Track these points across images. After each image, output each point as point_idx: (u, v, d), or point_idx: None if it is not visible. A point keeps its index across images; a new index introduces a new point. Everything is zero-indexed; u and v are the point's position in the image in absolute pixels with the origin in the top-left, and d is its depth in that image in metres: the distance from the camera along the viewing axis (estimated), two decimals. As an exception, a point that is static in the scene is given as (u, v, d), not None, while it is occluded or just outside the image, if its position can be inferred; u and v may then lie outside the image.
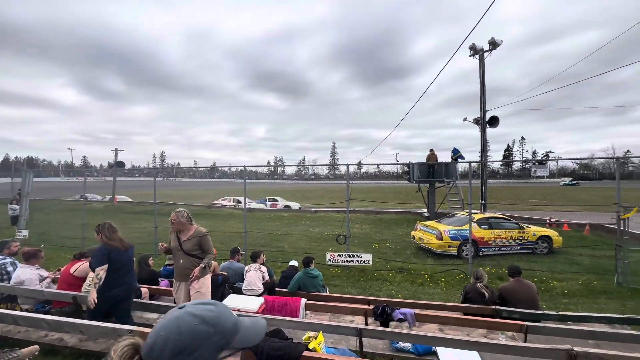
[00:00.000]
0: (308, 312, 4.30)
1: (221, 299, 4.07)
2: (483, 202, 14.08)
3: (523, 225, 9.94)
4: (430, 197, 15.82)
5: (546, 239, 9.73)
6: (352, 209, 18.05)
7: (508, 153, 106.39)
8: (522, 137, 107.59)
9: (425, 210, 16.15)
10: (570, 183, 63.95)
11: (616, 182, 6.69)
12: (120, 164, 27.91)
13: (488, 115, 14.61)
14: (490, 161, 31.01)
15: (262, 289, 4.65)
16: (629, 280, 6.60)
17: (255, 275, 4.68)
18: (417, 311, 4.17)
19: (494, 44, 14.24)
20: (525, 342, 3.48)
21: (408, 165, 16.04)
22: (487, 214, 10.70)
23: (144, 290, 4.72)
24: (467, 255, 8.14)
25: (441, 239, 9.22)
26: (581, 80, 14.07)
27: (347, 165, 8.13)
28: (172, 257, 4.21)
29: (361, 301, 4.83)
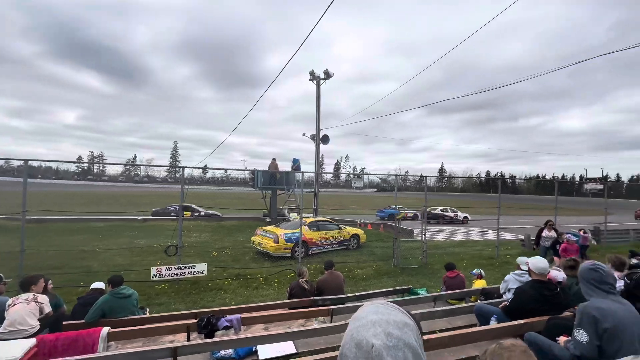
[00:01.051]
0: (113, 342, 3.52)
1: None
2: (315, 207, 16.28)
3: (341, 226, 12.14)
4: (272, 203, 16.80)
5: (356, 236, 12.28)
6: (189, 217, 16.59)
7: (337, 167, 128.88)
8: (347, 155, 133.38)
9: (267, 215, 17.01)
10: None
11: (394, 192, 9.34)
12: None
13: (321, 134, 17.20)
14: (322, 172, 36.71)
15: (38, 327, 3.44)
16: (400, 262, 9.27)
17: (23, 310, 3.39)
18: (247, 314, 4.25)
19: (327, 75, 16.88)
20: (331, 322, 4.20)
21: (253, 172, 16.45)
22: (317, 218, 12.41)
23: None
24: (298, 255, 9.09)
25: (278, 242, 9.90)
26: (382, 116, 19.04)
27: (183, 167, 7.40)
28: None
29: (187, 316, 4.43)
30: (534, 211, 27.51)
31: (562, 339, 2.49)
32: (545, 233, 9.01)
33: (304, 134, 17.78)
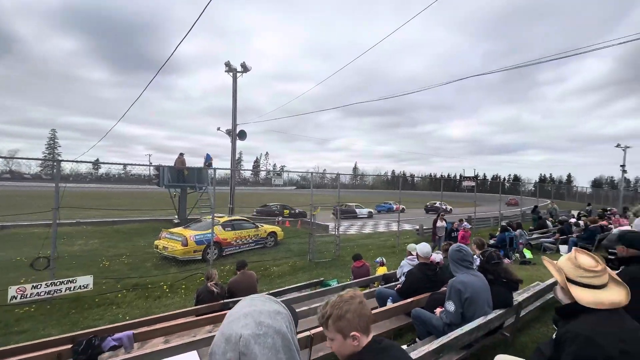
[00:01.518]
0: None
1: None
2: (231, 206, 15.53)
3: (258, 224, 11.90)
4: (181, 202, 15.27)
5: (273, 234, 12.22)
6: (72, 220, 13.68)
7: (256, 164, 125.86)
8: (267, 152, 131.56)
9: (176, 216, 15.40)
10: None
11: (310, 190, 9.65)
12: None
13: (238, 129, 16.49)
14: (239, 169, 35.26)
15: None
16: (315, 257, 9.63)
17: None
18: (144, 329, 3.75)
19: (245, 68, 16.26)
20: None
21: (157, 168, 14.63)
22: (232, 217, 11.86)
23: None
24: (210, 257, 8.51)
25: (187, 245, 9.07)
26: (300, 115, 19.38)
27: (58, 161, 6.02)
28: None
29: (60, 342, 3.63)
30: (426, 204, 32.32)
31: (437, 311, 2.97)
32: (438, 224, 10.65)
33: (218, 129, 16.76)
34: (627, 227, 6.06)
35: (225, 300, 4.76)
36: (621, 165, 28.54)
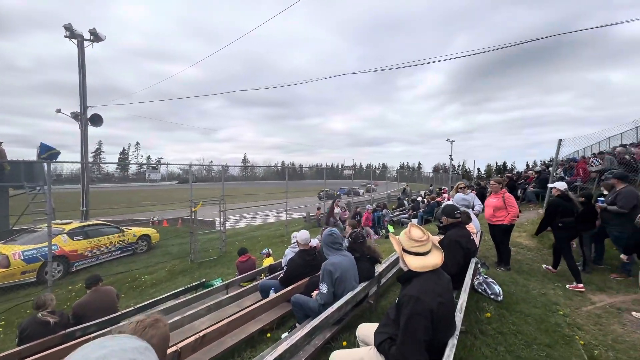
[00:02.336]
0: None
1: None
2: (84, 209, 12.42)
3: (124, 228, 9.98)
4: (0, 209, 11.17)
5: (146, 237, 10.51)
6: None
7: (124, 157, 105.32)
8: (137, 142, 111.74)
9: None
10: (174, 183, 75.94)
11: (189, 184, 8.69)
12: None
13: (90, 112, 13.20)
14: (99, 163, 28.63)
15: None
16: (198, 257, 8.82)
17: None
18: None
19: (96, 36, 13.05)
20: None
21: (-50, 162, 10.17)
22: (85, 223, 9.50)
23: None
24: (50, 277, 6.58)
25: (8, 266, 6.73)
26: (175, 99, 17.08)
27: None
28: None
29: None
30: (314, 192, 34.62)
31: (314, 294, 3.13)
32: (336, 210, 11.37)
33: (58, 111, 13.04)
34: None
35: (69, 330, 3.74)
36: (450, 155, 37.84)
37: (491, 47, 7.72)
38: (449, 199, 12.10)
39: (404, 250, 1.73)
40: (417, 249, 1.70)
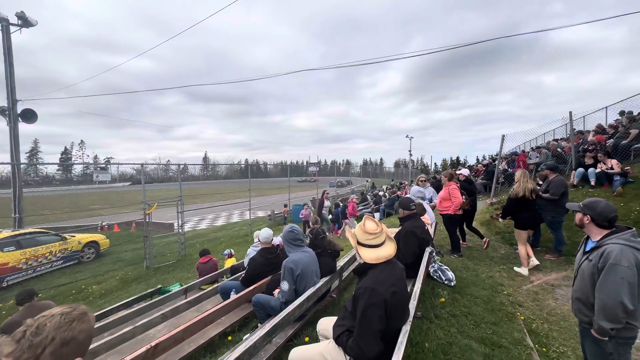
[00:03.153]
0: None
1: None
2: (16, 215, 11.01)
3: (67, 235, 9.04)
4: None
5: (93, 244, 9.63)
6: None
7: (66, 157, 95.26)
8: (82, 141, 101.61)
9: None
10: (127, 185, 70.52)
11: (142, 185, 8.10)
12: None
13: (21, 107, 11.70)
14: (27, 163, 25.52)
15: None
16: (154, 262, 8.28)
17: None
18: None
19: (25, 21, 11.58)
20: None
21: None
22: (17, 232, 8.43)
23: None
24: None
25: None
26: (124, 93, 15.76)
27: None
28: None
29: None
30: (279, 190, 34.25)
31: (275, 292, 3.08)
32: (326, 203, 11.05)
33: (-22, 105, 11.37)
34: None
35: (-4, 353, 3.29)
36: (409, 151, 39.67)
37: (444, 47, 8.18)
38: (406, 193, 12.65)
39: (359, 243, 1.76)
40: (371, 241, 1.74)
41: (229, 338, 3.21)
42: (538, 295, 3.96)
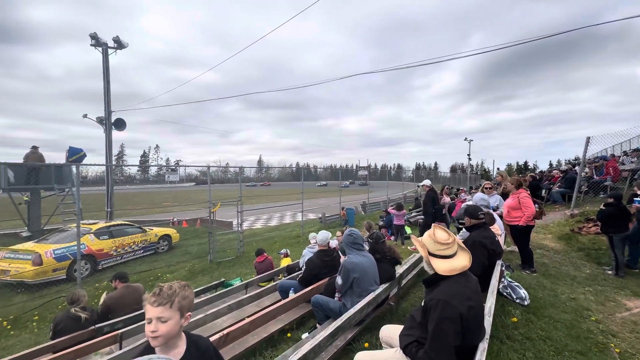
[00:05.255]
0: None
1: None
2: (109, 209, 12.94)
3: (146, 228, 10.32)
4: (32, 210, 11.82)
5: (167, 237, 10.83)
6: None
7: (144, 159, 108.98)
8: (157, 145, 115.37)
9: (25, 228, 11.85)
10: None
11: (208, 185, 8.88)
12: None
13: (114, 117, 13.75)
14: (122, 165, 29.82)
15: None
16: (216, 256, 9.00)
17: None
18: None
19: (119, 44, 13.61)
20: (120, 349, 3.39)
21: (-10, 166, 10.85)
22: (110, 223, 9.89)
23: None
24: (79, 274, 6.88)
25: (41, 264, 7.09)
26: (194, 102, 17.53)
27: None
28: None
29: None
30: (329, 194, 34.61)
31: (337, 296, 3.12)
32: (446, 199, 10.73)
33: (85, 116, 13.66)
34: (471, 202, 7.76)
35: (99, 325, 3.90)
36: (468, 155, 36.92)
37: (509, 42, 7.47)
38: (464, 201, 11.69)
39: (430, 254, 1.70)
40: (443, 251, 1.66)
41: (288, 335, 3.34)
42: (638, 326, 3.36)
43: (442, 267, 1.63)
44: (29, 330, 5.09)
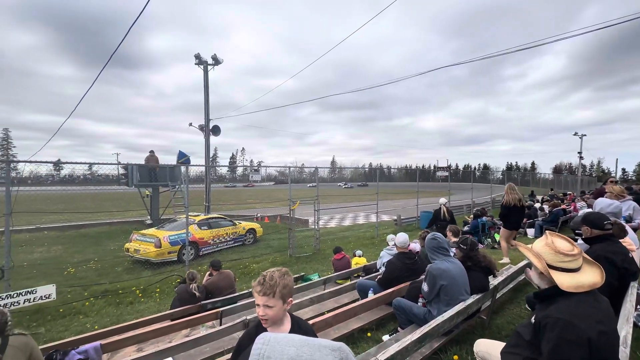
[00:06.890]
0: None
1: None
2: (207, 204, 15.03)
3: (236, 222, 11.61)
4: (153, 202, 14.59)
5: (252, 231, 11.98)
6: (31, 226, 12.72)
7: (232, 160, 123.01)
8: (243, 148, 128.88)
9: (148, 217, 14.71)
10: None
11: (288, 185, 9.48)
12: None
13: (212, 124, 15.91)
14: (215, 165, 34.31)
15: None
16: (295, 252, 9.55)
17: None
18: (114, 338, 3.51)
19: (216, 60, 15.64)
20: (220, 325, 3.90)
21: (126, 167, 13.83)
22: (209, 215, 11.47)
23: None
24: (186, 258, 8.18)
25: (160, 247, 8.66)
26: (275, 108, 19.01)
27: (8, 161, 5.46)
28: None
29: None
30: (404, 195, 33.14)
31: (421, 302, 2.99)
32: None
33: (190, 124, 16.10)
34: (587, 209, 6.45)
35: (203, 302, 4.57)
36: (578, 152, 30.68)
37: (635, 13, 5.87)
38: (574, 207, 9.72)
39: (550, 266, 1.47)
40: (567, 264, 1.42)
41: (369, 334, 3.33)
42: None
43: (567, 282, 1.39)
44: (153, 300, 6.29)
